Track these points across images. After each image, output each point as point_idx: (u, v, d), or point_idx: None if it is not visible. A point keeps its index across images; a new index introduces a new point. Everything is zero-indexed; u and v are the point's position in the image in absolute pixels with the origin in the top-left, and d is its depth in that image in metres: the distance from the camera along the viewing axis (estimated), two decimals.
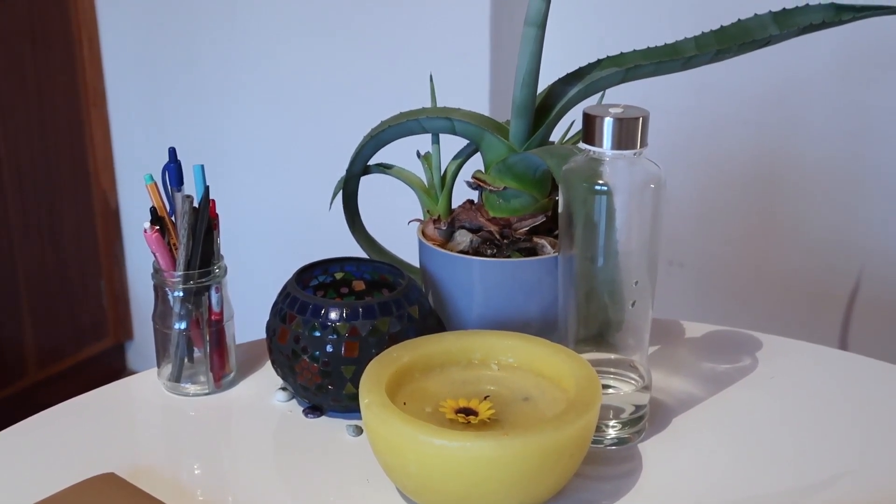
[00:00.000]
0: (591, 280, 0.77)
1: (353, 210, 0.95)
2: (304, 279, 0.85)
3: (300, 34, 1.79)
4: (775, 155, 1.58)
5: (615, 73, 0.81)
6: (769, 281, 1.64)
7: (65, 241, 2.11)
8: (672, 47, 0.83)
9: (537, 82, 0.81)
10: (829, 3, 0.79)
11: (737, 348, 0.93)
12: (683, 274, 1.68)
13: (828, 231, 1.57)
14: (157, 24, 1.97)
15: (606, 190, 0.74)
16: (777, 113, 1.55)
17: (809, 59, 1.49)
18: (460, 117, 0.85)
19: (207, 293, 0.84)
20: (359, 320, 0.78)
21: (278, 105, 1.86)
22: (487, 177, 0.86)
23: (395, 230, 0.99)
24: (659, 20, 1.55)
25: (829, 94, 1.51)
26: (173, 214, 0.84)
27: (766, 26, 0.81)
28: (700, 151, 1.61)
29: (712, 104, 1.57)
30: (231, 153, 1.94)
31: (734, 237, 1.65)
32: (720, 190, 1.63)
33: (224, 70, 1.91)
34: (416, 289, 0.82)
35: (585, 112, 0.73)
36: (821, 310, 1.61)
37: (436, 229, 0.87)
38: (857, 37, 1.40)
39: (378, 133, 0.88)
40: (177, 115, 2.01)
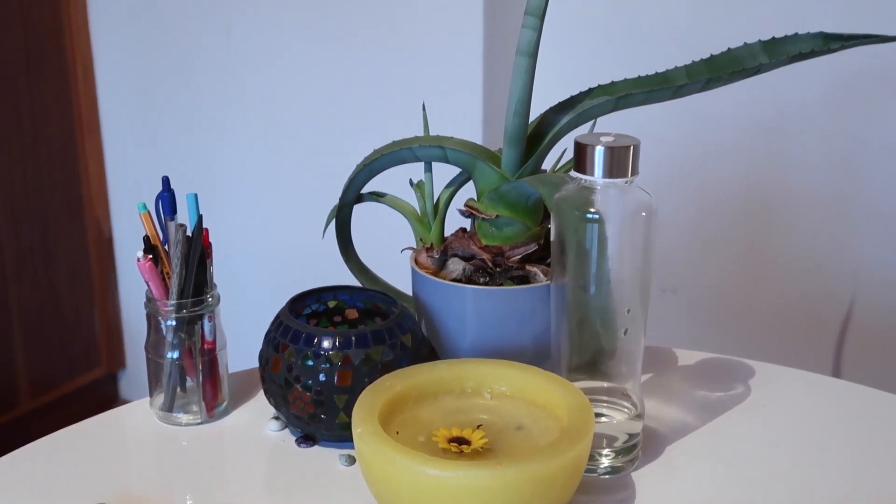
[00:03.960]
0: (584, 308, 0.77)
1: (346, 238, 0.95)
2: (297, 308, 0.85)
3: (293, 64, 1.80)
4: (767, 182, 1.59)
5: (606, 102, 0.81)
6: (762, 308, 1.64)
7: (58, 270, 2.11)
8: (663, 76, 0.83)
9: (529, 111, 0.82)
10: (817, 32, 0.80)
11: (730, 376, 0.93)
12: (676, 301, 1.68)
13: (820, 258, 1.58)
14: (151, 53, 1.97)
15: (598, 218, 0.74)
16: (768, 141, 1.56)
17: (800, 87, 1.49)
18: (453, 146, 0.85)
19: (200, 322, 0.84)
20: (352, 349, 0.78)
21: (271, 134, 1.87)
22: (480, 205, 0.86)
23: (387, 258, 0.99)
24: (650, 49, 1.56)
25: (819, 122, 1.52)
26: (166, 243, 0.84)
27: (755, 55, 0.81)
28: (692, 179, 1.62)
29: (704, 132, 1.58)
30: (224, 182, 1.95)
31: (727, 264, 1.65)
32: (712, 217, 1.63)
33: (218, 99, 1.91)
34: (408, 317, 0.82)
35: (577, 141, 0.74)
36: (814, 337, 1.61)
37: (428, 257, 0.87)
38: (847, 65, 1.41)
39: (371, 161, 0.88)
40: (170, 144, 2.01)
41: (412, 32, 1.66)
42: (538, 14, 0.78)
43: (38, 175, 2.02)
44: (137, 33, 1.98)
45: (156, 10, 1.94)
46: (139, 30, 1.98)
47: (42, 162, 2.03)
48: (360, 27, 1.70)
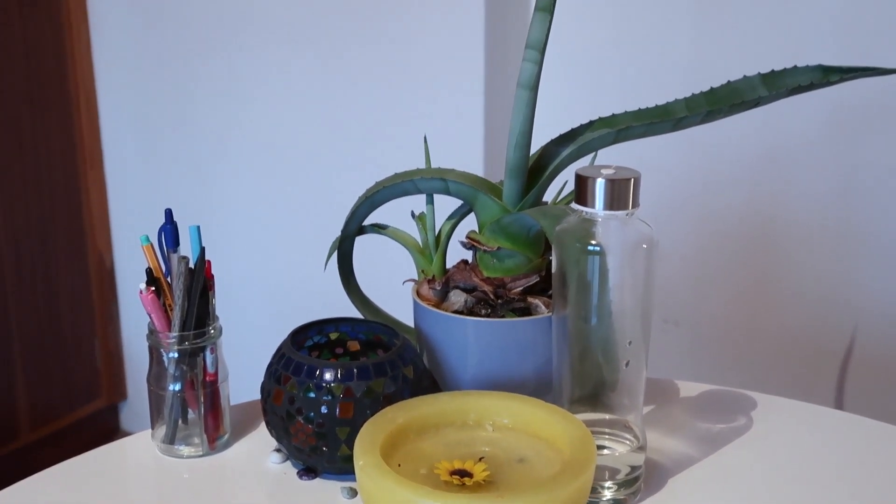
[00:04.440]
0: (585, 340, 0.77)
1: (348, 270, 0.95)
2: (299, 340, 0.85)
3: (295, 97, 1.81)
4: (768, 214, 1.59)
5: (607, 135, 0.82)
6: (764, 339, 1.64)
7: (60, 301, 2.11)
8: (663, 108, 0.84)
9: (530, 143, 0.82)
10: (816, 65, 0.80)
11: (732, 408, 0.93)
12: (678, 332, 1.68)
13: (821, 289, 1.58)
14: (154, 86, 1.98)
15: (599, 250, 0.74)
16: (769, 172, 1.56)
17: (800, 118, 1.50)
18: (454, 178, 0.85)
19: (202, 354, 0.84)
20: (353, 381, 0.78)
21: (274, 166, 1.88)
22: (481, 237, 0.86)
23: (389, 290, 1.00)
24: (650, 82, 1.57)
25: (820, 154, 1.53)
26: (169, 275, 0.84)
27: (755, 88, 0.82)
28: (693, 210, 1.62)
29: (705, 163, 1.59)
30: (226, 214, 1.95)
31: (728, 295, 1.65)
32: (714, 248, 1.63)
33: (220, 132, 1.92)
34: (410, 349, 0.83)
35: (578, 173, 0.74)
36: (816, 368, 1.61)
37: (430, 289, 0.88)
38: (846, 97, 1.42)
39: (373, 194, 0.88)
40: (173, 176, 2.02)
41: (414, 65, 1.67)
42: (539, 48, 0.78)
43: (40, 205, 2.03)
44: (140, 66, 2.00)
45: (158, 43, 1.95)
46: (141, 62, 1.99)
47: (44, 192, 2.03)
48: (363, 60, 1.71)
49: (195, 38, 1.89)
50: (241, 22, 1.83)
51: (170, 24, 1.92)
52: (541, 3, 0.77)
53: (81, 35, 2.02)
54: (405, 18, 1.65)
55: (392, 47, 1.68)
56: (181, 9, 1.89)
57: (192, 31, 1.89)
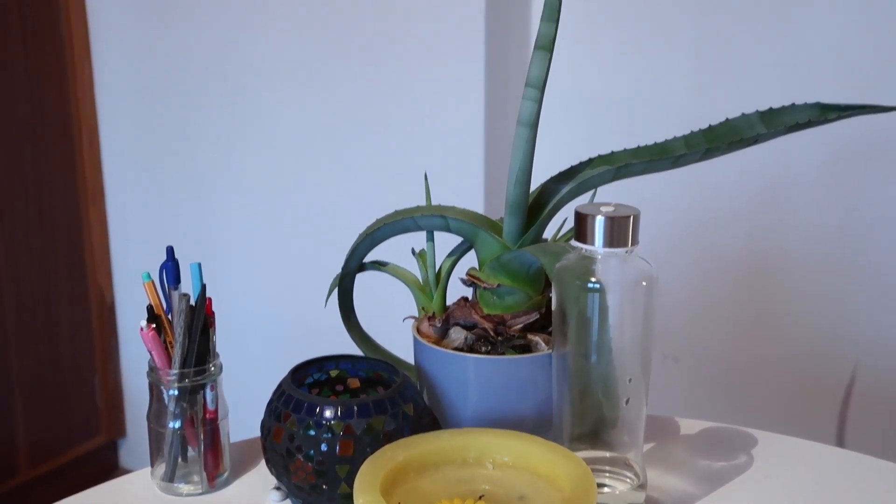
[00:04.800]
0: (585, 377, 0.77)
1: (348, 307, 0.95)
2: (300, 377, 0.85)
3: (296, 134, 1.82)
4: (767, 250, 1.59)
5: (606, 172, 0.82)
6: (764, 374, 1.64)
7: (60, 337, 2.11)
8: (662, 146, 0.84)
9: (530, 181, 0.82)
10: (814, 102, 0.81)
11: (732, 445, 0.93)
12: (678, 368, 1.68)
13: (822, 325, 1.58)
14: (156, 123, 2.00)
15: (599, 287, 0.74)
16: (768, 208, 1.57)
17: (799, 155, 1.51)
18: (454, 215, 0.86)
19: (202, 391, 0.84)
20: (353, 419, 0.78)
21: (274, 203, 1.88)
22: (481, 274, 0.86)
23: (390, 327, 1.00)
24: (649, 119, 1.58)
25: (818, 190, 1.53)
26: (170, 312, 0.84)
27: (753, 125, 0.82)
28: (693, 246, 1.63)
29: (704, 200, 1.59)
30: (228, 251, 1.95)
31: (728, 332, 1.65)
32: (713, 285, 1.64)
33: (221, 169, 1.93)
34: (410, 386, 0.82)
35: (577, 211, 0.74)
36: (817, 403, 1.60)
37: (430, 326, 0.88)
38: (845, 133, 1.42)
39: (373, 231, 0.89)
40: (174, 212, 2.02)
41: (415, 103, 1.68)
42: (539, 86, 0.79)
43: (41, 241, 2.03)
44: (142, 103, 2.01)
45: (160, 80, 1.96)
46: (144, 99, 2.00)
47: (46, 228, 2.04)
48: (363, 97, 1.72)
49: (196, 76, 1.91)
50: (242, 60, 1.84)
51: (171, 62, 1.93)
52: (540, 42, 0.78)
53: (84, 71, 2.04)
54: (405, 56, 1.67)
55: (392, 84, 1.69)
56: (183, 46, 1.91)
57: (194, 69, 1.90)
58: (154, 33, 1.94)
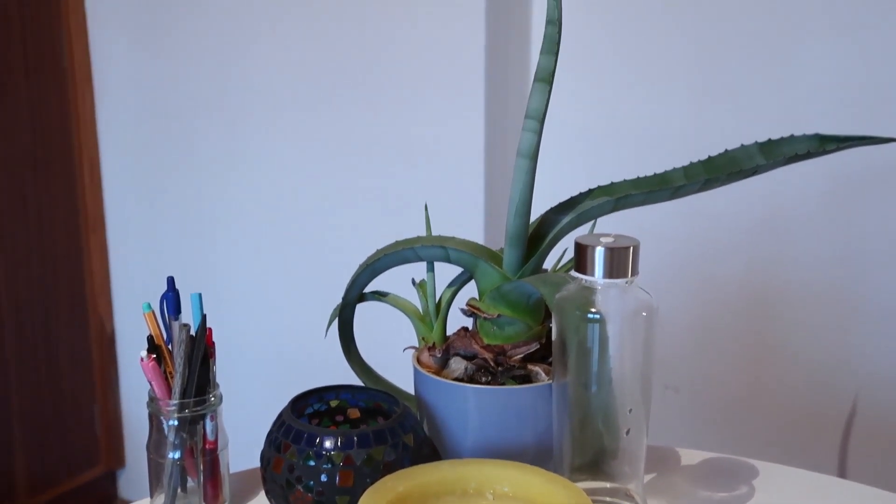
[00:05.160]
0: (586, 407, 0.77)
1: (348, 337, 0.95)
2: (300, 407, 0.85)
3: (297, 165, 1.82)
4: (767, 280, 1.59)
5: (606, 203, 0.82)
6: (765, 405, 1.63)
7: (60, 366, 2.10)
8: (661, 177, 0.84)
9: (530, 211, 0.83)
10: (813, 133, 0.81)
11: (733, 476, 0.93)
12: (678, 399, 1.68)
13: (823, 355, 1.58)
14: (157, 153, 2.00)
15: (599, 318, 0.74)
16: (768, 239, 1.57)
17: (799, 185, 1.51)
18: (455, 246, 0.86)
19: (202, 422, 0.84)
20: (353, 449, 0.78)
21: (275, 234, 1.88)
22: (482, 304, 0.86)
23: (390, 357, 1.00)
24: (648, 150, 1.59)
25: (818, 221, 1.53)
26: (170, 343, 0.84)
27: (752, 156, 0.82)
28: (693, 276, 1.63)
29: (704, 230, 1.59)
30: (228, 281, 1.96)
31: (728, 362, 1.65)
32: (714, 314, 1.63)
33: (222, 199, 1.93)
34: (410, 416, 0.82)
35: (577, 241, 0.75)
36: (818, 434, 1.60)
37: (431, 356, 0.88)
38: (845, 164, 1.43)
39: (374, 261, 0.89)
40: (174, 242, 2.03)
41: (415, 134, 1.68)
42: (538, 117, 0.79)
43: (41, 269, 2.04)
44: (143, 132, 2.01)
45: (162, 109, 1.97)
46: (145, 128, 2.01)
47: (46, 258, 2.04)
48: (364, 128, 1.73)
49: (198, 106, 1.91)
50: (243, 90, 1.85)
51: (172, 91, 1.94)
52: (540, 75, 0.79)
53: (86, 100, 2.05)
54: (406, 86, 1.67)
55: (393, 115, 1.70)
56: (184, 76, 1.92)
57: (194, 99, 1.91)
58: (155, 63, 1.95)
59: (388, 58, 1.68)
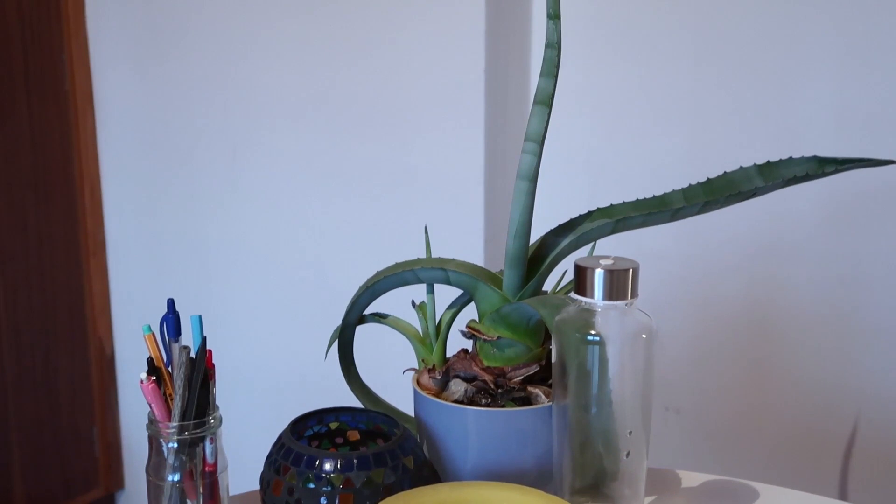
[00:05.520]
0: (586, 429, 0.77)
1: (348, 359, 0.95)
2: (299, 429, 0.85)
3: (297, 184, 1.83)
4: (767, 301, 1.59)
5: (605, 225, 0.82)
6: (766, 426, 1.63)
7: (59, 388, 2.10)
8: (660, 199, 0.85)
9: (530, 233, 0.83)
10: (811, 156, 0.81)
11: (734, 499, 0.93)
12: (679, 420, 1.68)
13: (823, 376, 1.57)
14: (157, 176, 2.01)
15: (599, 340, 0.74)
16: (768, 260, 1.57)
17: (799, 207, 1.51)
18: (454, 268, 0.86)
19: (202, 444, 0.84)
20: (353, 471, 0.78)
21: (275, 255, 1.89)
22: (481, 326, 0.86)
23: (390, 379, 1.00)
24: (647, 172, 1.59)
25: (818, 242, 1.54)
26: (170, 365, 0.84)
27: (751, 179, 0.83)
28: (693, 297, 1.63)
29: (704, 252, 1.60)
30: (228, 303, 1.96)
31: (729, 383, 1.65)
32: (714, 336, 1.63)
33: (222, 222, 1.94)
34: (410, 439, 0.82)
35: (577, 264, 0.75)
36: (819, 455, 1.60)
37: (430, 378, 0.88)
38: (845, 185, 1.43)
39: (374, 283, 0.89)
40: (174, 264, 2.03)
41: (415, 156, 1.69)
42: (538, 140, 0.80)
43: (42, 292, 2.04)
44: (144, 157, 2.02)
45: (162, 134, 1.98)
46: (146, 153, 2.01)
47: (47, 280, 2.04)
48: (364, 149, 1.73)
49: (198, 130, 1.92)
50: (244, 114, 1.86)
51: (174, 115, 1.95)
52: (539, 97, 0.79)
53: (87, 123, 2.05)
54: (407, 109, 1.68)
55: (393, 137, 1.70)
56: (185, 100, 1.92)
57: (196, 123, 1.92)
58: (156, 86, 1.96)
59: (390, 81, 1.69)
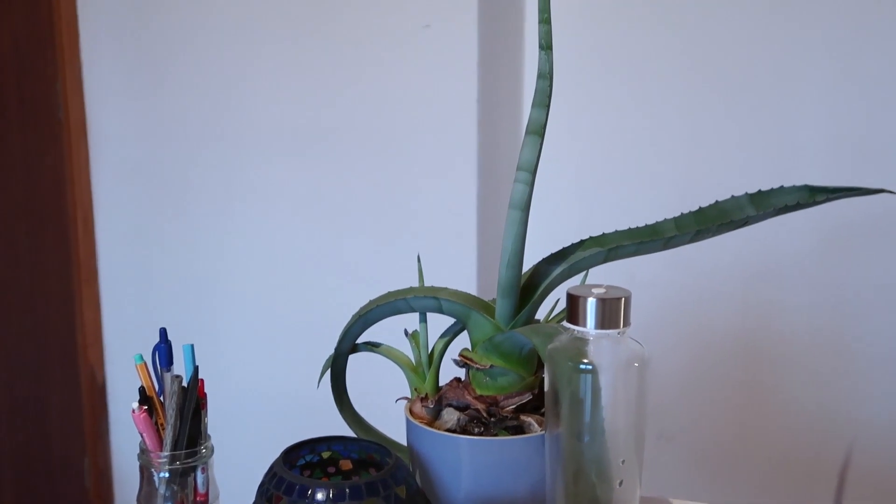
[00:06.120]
0: (579, 458, 0.77)
1: (340, 388, 0.95)
2: (291, 458, 0.85)
3: (289, 213, 1.83)
4: (760, 328, 1.60)
5: (598, 254, 0.83)
6: (760, 453, 1.63)
7: (50, 417, 2.09)
8: (652, 228, 0.85)
9: (522, 262, 0.83)
10: (803, 185, 0.81)
11: None
12: (672, 448, 1.67)
13: (817, 402, 1.58)
14: (151, 205, 2.01)
15: (591, 368, 0.74)
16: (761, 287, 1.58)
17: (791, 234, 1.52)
18: (447, 296, 0.86)
19: (193, 474, 0.84)
20: (346, 501, 0.77)
21: (267, 283, 1.88)
22: (474, 355, 0.86)
23: (382, 408, 0.99)
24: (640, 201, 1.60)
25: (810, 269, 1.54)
26: (162, 394, 0.84)
27: (743, 207, 0.83)
28: (686, 325, 1.63)
29: (696, 279, 1.60)
30: (220, 332, 1.95)
31: (723, 410, 1.65)
32: (707, 363, 1.64)
33: (214, 250, 1.94)
34: (403, 468, 0.82)
35: (569, 292, 0.75)
36: (813, 482, 1.59)
37: (423, 407, 0.88)
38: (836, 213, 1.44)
39: (366, 312, 0.89)
40: (167, 293, 2.02)
41: (408, 185, 1.69)
42: (530, 169, 0.80)
43: (33, 320, 2.03)
44: (137, 185, 2.02)
45: (155, 162, 1.98)
46: (139, 181, 2.02)
47: (38, 308, 2.04)
48: (357, 178, 1.74)
49: (192, 159, 1.92)
50: (237, 143, 1.86)
51: (168, 145, 1.95)
52: (531, 127, 0.79)
53: (81, 153, 2.06)
54: (400, 138, 1.69)
55: (386, 166, 1.71)
56: (178, 129, 1.93)
57: (188, 151, 1.92)
58: (150, 116, 1.96)
59: (382, 111, 1.70)
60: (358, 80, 1.71)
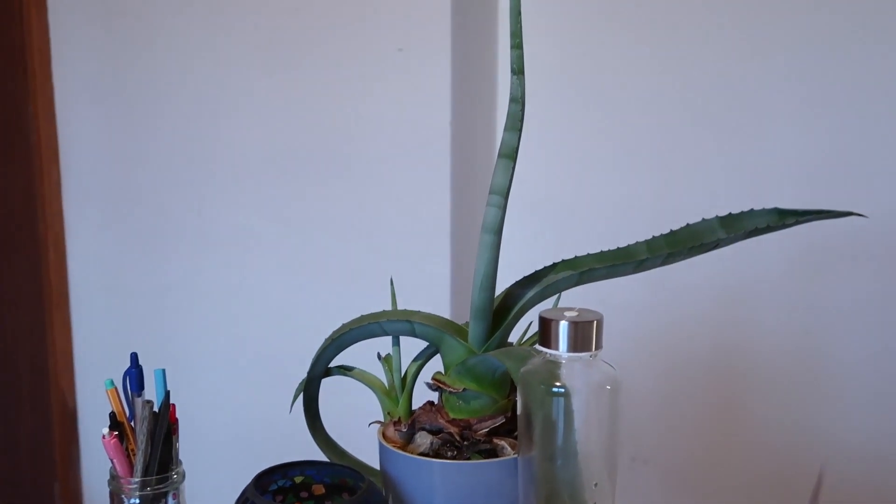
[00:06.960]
0: (552, 481, 0.77)
1: (313, 413, 0.95)
2: (264, 484, 0.84)
3: (262, 238, 1.82)
4: (733, 350, 1.60)
5: (570, 276, 0.83)
6: (734, 475, 1.63)
7: (20, 442, 2.07)
8: (625, 251, 0.85)
9: (495, 286, 0.83)
10: (772, 208, 0.82)
11: None
12: (647, 471, 1.67)
13: (790, 424, 1.58)
14: (123, 230, 2.00)
15: (564, 391, 0.75)
16: (733, 309, 1.58)
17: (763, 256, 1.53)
18: (420, 320, 0.86)
19: (165, 500, 0.83)
20: None
21: (239, 308, 1.88)
22: (447, 378, 0.86)
23: (355, 432, 0.99)
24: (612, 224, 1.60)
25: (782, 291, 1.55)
26: (133, 419, 0.84)
27: (714, 230, 0.84)
28: (659, 347, 1.63)
29: (669, 302, 1.61)
30: (192, 357, 1.94)
31: (697, 432, 1.65)
32: (680, 385, 1.64)
33: (187, 275, 1.93)
34: (376, 492, 0.82)
35: (541, 316, 0.75)
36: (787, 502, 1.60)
37: (396, 431, 0.87)
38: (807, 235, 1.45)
39: (339, 336, 0.89)
40: (138, 319, 2.01)
41: (381, 208, 1.69)
42: (502, 193, 0.80)
43: (3, 345, 2.01)
44: (109, 209, 2.01)
45: (128, 187, 1.97)
46: (111, 206, 2.01)
47: (8, 332, 2.02)
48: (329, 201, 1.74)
49: (163, 182, 1.91)
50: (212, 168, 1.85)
51: (139, 167, 1.94)
52: (504, 151, 0.80)
53: (52, 177, 2.04)
54: (373, 161, 1.69)
55: (358, 190, 1.71)
56: (152, 153, 1.92)
57: (161, 176, 1.92)
58: (123, 140, 1.96)
59: (355, 134, 1.70)
60: (331, 103, 1.71)
